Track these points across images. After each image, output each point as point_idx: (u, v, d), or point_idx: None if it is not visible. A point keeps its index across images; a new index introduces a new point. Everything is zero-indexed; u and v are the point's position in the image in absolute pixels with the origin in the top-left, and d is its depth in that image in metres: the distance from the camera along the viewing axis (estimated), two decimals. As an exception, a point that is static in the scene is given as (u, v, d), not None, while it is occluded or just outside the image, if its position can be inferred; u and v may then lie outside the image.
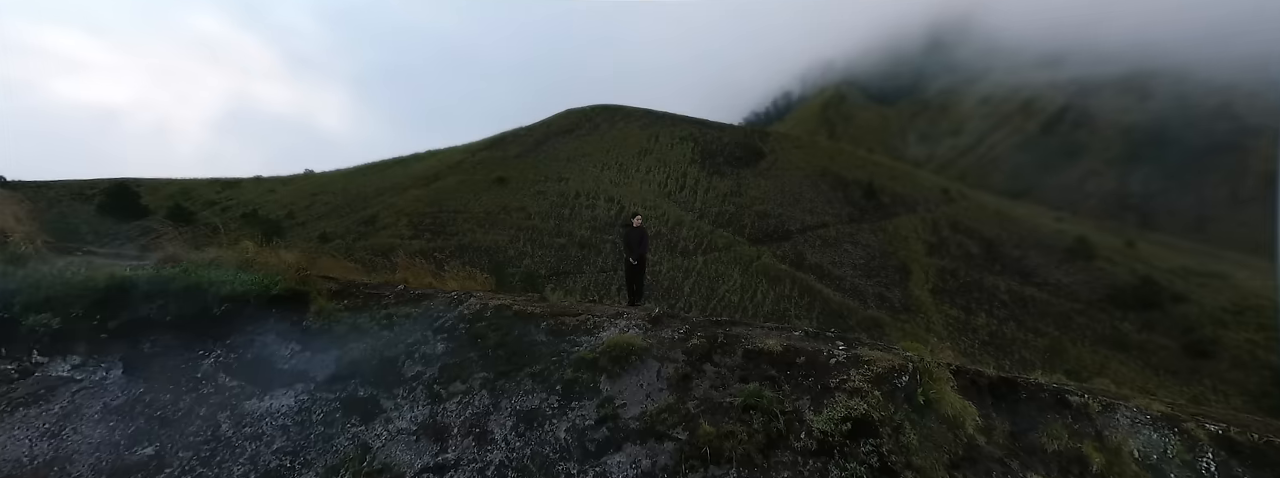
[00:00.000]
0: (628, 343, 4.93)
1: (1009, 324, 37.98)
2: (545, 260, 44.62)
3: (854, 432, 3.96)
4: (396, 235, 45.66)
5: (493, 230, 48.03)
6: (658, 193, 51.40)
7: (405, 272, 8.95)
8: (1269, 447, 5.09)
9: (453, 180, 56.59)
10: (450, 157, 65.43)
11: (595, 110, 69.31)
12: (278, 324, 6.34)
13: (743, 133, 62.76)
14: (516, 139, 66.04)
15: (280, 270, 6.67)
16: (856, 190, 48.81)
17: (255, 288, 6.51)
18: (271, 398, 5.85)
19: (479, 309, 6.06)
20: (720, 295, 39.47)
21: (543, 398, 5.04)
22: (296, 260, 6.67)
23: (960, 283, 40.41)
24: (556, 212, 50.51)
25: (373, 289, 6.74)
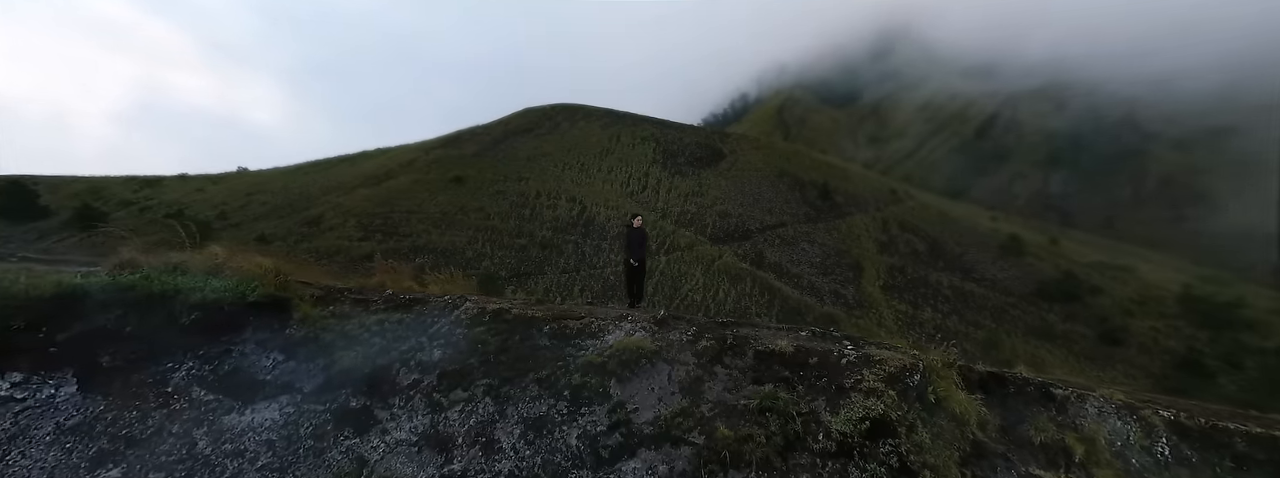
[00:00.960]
0: (637, 346, 4.95)
1: (952, 318, 40.39)
2: (505, 262, 43.91)
3: (872, 432, 4.02)
4: (344, 237, 43.83)
5: (450, 231, 46.87)
6: (620, 193, 51.47)
7: (383, 276, 8.65)
8: (1214, 430, 5.68)
9: (405, 180, 54.75)
10: (402, 155, 63.26)
11: (555, 109, 68.66)
12: (257, 333, 6.00)
13: (703, 134, 63.74)
14: (473, 138, 64.54)
15: (257, 276, 6.31)
16: (812, 191, 50.54)
17: (229, 295, 6.13)
18: (254, 412, 5.54)
19: (476, 314, 5.94)
20: (683, 294, 39.98)
21: (551, 404, 5.00)
22: (275, 265, 6.33)
23: (908, 279, 42.58)
24: (516, 212, 49.77)
25: (359, 294, 6.48)
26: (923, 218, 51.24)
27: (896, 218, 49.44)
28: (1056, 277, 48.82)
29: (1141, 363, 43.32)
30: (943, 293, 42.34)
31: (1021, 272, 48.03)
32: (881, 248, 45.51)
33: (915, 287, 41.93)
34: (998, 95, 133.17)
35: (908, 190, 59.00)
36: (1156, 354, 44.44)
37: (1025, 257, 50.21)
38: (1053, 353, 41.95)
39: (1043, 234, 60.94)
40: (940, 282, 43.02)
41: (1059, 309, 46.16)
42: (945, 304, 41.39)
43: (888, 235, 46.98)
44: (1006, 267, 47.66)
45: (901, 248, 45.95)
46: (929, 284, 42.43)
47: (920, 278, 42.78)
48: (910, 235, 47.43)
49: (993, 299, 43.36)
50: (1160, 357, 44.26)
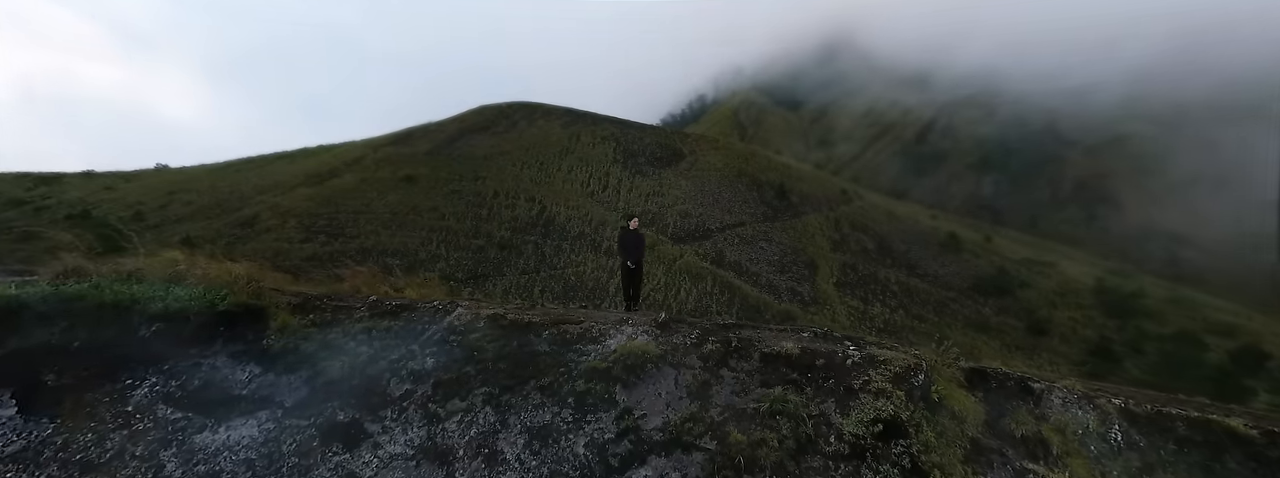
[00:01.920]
0: (642, 350, 4.94)
1: (899, 312, 42.46)
2: (462, 263, 42.77)
3: (884, 434, 4.06)
4: (284, 239, 41.50)
5: (401, 232, 45.18)
6: (581, 193, 51.09)
7: (353, 281, 8.27)
8: (1159, 416, 6.25)
9: (351, 178, 52.33)
10: (347, 152, 60.38)
11: (512, 107, 67.29)
12: (229, 345, 5.62)
13: (663, 134, 64.12)
14: (426, 135, 62.35)
15: (226, 283, 5.90)
16: (769, 191, 51.88)
17: (196, 304, 5.72)
18: (229, 429, 5.19)
19: (470, 320, 5.78)
20: (644, 294, 40.09)
21: (555, 412, 4.92)
22: (247, 271, 5.94)
23: (859, 276, 44.45)
24: (473, 212, 48.51)
25: (340, 301, 6.17)
26: (871, 217, 53.66)
27: (847, 217, 51.54)
28: (991, 272, 52.19)
29: (1063, 351, 46.88)
30: (891, 289, 44.48)
31: (960, 268, 51.09)
32: (834, 246, 47.33)
33: (866, 283, 43.85)
34: (935, 103, 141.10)
35: (857, 191, 61.62)
36: (1075, 343, 48.13)
37: (963, 253, 53.43)
38: (988, 344, 44.79)
39: (978, 232, 64.98)
40: (888, 278, 45.18)
41: (992, 303, 49.32)
42: (893, 299, 43.50)
43: (840, 234, 48.91)
44: (947, 263, 50.59)
45: (852, 246, 47.96)
46: (878, 280, 44.48)
47: (870, 275, 44.79)
48: (860, 234, 49.58)
49: (935, 294, 45.92)
50: (1078, 345, 47.96)
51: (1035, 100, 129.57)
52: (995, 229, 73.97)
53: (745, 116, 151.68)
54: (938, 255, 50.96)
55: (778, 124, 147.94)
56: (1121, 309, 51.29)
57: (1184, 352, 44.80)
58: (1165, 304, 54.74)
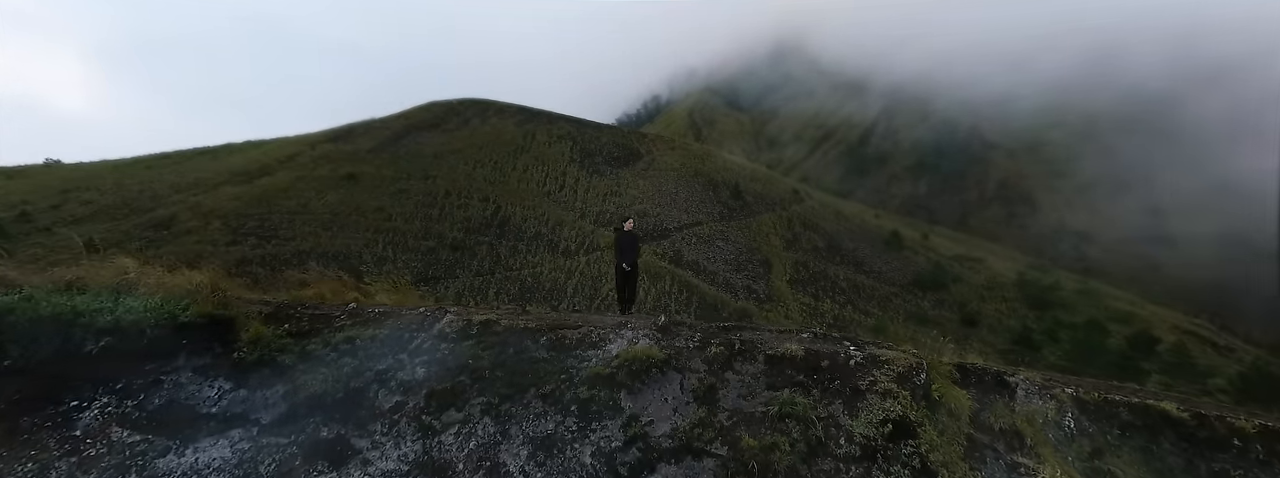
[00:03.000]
0: (647, 355, 4.90)
1: (847, 308, 44.33)
2: (411, 265, 41.19)
3: (894, 434, 4.11)
4: (207, 241, 38.65)
5: (343, 234, 43.00)
6: (537, 192, 50.30)
7: (318, 287, 7.80)
8: (1105, 403, 6.82)
9: (285, 176, 49.32)
10: (280, 149, 56.78)
11: (463, 104, 65.30)
12: (194, 359, 5.16)
13: (620, 133, 64.04)
14: (369, 132, 59.54)
15: (187, 292, 5.42)
16: (725, 191, 52.86)
17: (152, 316, 5.22)
18: (197, 451, 4.77)
19: (462, 327, 5.56)
20: (604, 294, 39.97)
21: (558, 421, 4.81)
22: (211, 279, 5.47)
23: (810, 273, 46.08)
24: (423, 212, 46.79)
25: (317, 309, 5.80)
26: (821, 216, 55.74)
27: (799, 216, 53.30)
28: (928, 268, 55.43)
29: (991, 341, 50.30)
30: (839, 285, 46.37)
31: (901, 264, 53.92)
32: (787, 245, 48.84)
33: (817, 280, 45.51)
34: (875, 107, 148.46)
35: (807, 191, 63.82)
36: (1001, 332, 51.75)
37: (904, 251, 56.42)
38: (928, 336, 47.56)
39: (916, 230, 68.79)
40: (837, 275, 47.09)
41: (930, 297, 52.38)
42: (841, 295, 45.37)
43: (792, 233, 50.52)
44: (889, 260, 53.28)
45: (804, 244, 49.66)
46: (828, 277, 46.27)
47: (820, 272, 46.52)
48: (811, 233, 51.40)
49: (880, 290, 48.27)
50: (1004, 334, 51.60)
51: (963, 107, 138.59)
52: (931, 227, 78.60)
53: (699, 117, 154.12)
54: (881, 253, 53.60)
55: (730, 125, 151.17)
56: (1040, 301, 55.73)
57: (1092, 339, 49.07)
58: (1075, 296, 59.81)
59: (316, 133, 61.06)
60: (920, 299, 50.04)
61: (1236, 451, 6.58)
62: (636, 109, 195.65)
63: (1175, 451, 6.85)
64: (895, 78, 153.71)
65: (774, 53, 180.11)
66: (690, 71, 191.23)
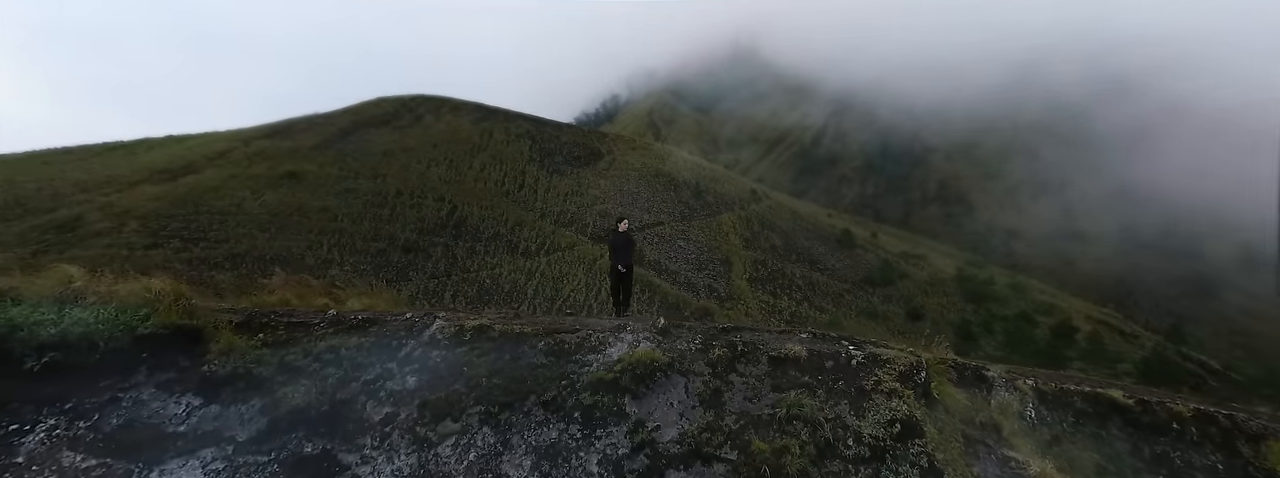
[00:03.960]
0: (651, 359, 4.84)
1: (804, 304, 45.79)
2: (359, 268, 39.49)
3: (902, 434, 4.13)
4: (120, 244, 35.72)
5: (282, 235, 40.72)
6: (495, 192, 49.25)
7: (284, 292, 7.34)
8: (1061, 392, 7.32)
9: (215, 174, 46.25)
10: (207, 145, 53.11)
11: (416, 100, 63.08)
12: (157, 373, 4.72)
13: (580, 133, 63.57)
14: (311, 128, 56.60)
15: (144, 301, 4.95)
16: (686, 191, 53.45)
17: (105, 328, 4.74)
18: (164, 474, 4.37)
19: (454, 333, 5.34)
20: (565, 295, 39.66)
21: (562, 429, 4.68)
22: (174, 287, 5.02)
23: (768, 272, 47.27)
24: (372, 213, 44.95)
25: (293, 317, 5.43)
26: (778, 216, 57.28)
27: (757, 216, 54.58)
28: (877, 266, 58.09)
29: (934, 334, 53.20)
30: (796, 283, 47.82)
31: (853, 262, 56.21)
32: (746, 244, 49.93)
33: (775, 278, 46.74)
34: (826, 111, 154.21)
35: (765, 191, 65.46)
36: (943, 326, 54.72)
37: (855, 249, 58.85)
38: (877, 330, 49.76)
39: (866, 229, 71.90)
40: (794, 273, 48.53)
41: (879, 292, 54.87)
42: (798, 293, 46.81)
43: (751, 232, 51.69)
44: (842, 258, 55.44)
45: (762, 243, 50.90)
46: (785, 276, 47.62)
47: (778, 270, 47.81)
48: (769, 232, 52.74)
49: (833, 286, 50.13)
50: (946, 328, 54.62)
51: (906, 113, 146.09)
52: (879, 226, 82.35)
53: (659, 118, 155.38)
54: (834, 251, 55.68)
55: (689, 126, 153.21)
56: (976, 295, 59.41)
57: (1022, 329, 52.71)
58: (1007, 290, 64.09)
59: (250, 128, 57.48)
60: (870, 295, 52.33)
61: (1174, 433, 7.18)
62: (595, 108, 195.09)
63: (1122, 436, 7.39)
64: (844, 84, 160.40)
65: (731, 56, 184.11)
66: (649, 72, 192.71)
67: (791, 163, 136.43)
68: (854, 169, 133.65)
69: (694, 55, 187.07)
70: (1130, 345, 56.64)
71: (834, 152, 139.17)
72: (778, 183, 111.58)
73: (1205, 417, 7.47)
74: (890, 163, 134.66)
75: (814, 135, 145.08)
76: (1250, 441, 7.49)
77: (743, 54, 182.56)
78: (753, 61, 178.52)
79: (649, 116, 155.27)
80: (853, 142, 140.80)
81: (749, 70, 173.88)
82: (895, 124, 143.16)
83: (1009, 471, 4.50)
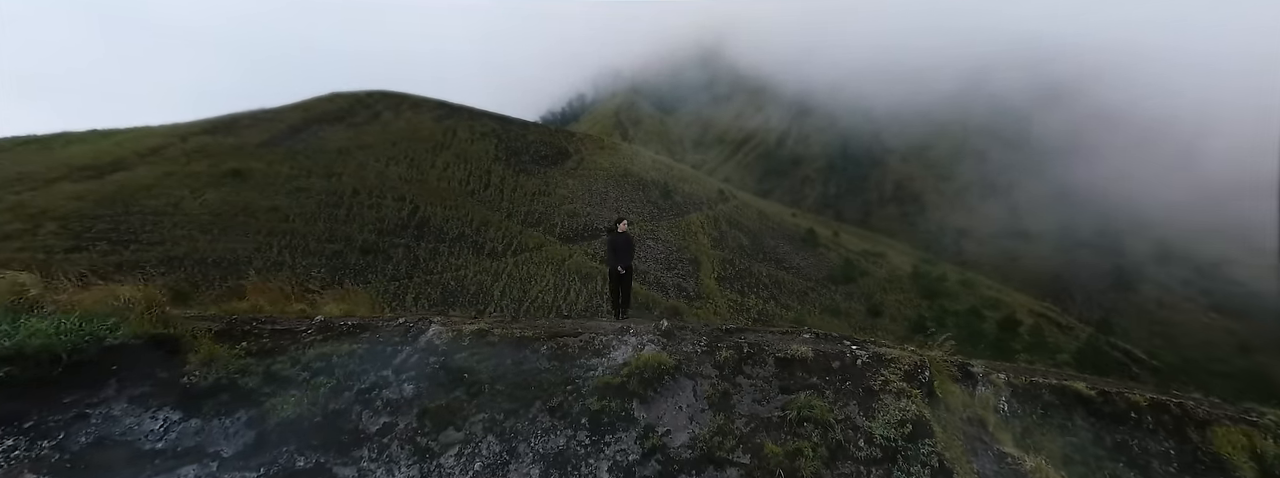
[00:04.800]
0: (659, 362, 4.79)
1: (770, 303, 46.68)
2: (313, 270, 37.83)
3: (913, 434, 4.13)
4: (36, 248, 33.12)
5: (226, 237, 38.57)
6: (459, 192, 48.08)
7: (257, 297, 6.95)
8: (1031, 385, 7.72)
9: (148, 172, 43.46)
10: (138, 140, 49.69)
11: (372, 96, 60.90)
12: (129, 387, 4.38)
13: (547, 132, 62.76)
14: (257, 124, 53.88)
15: (112, 309, 4.58)
16: (655, 191, 53.57)
17: (68, 339, 4.36)
18: (141, 497, 4.06)
19: (452, 338, 5.16)
20: (533, 297, 39.17)
21: (569, 435, 4.57)
22: (146, 294, 4.66)
23: (736, 270, 47.96)
24: (327, 213, 43.17)
25: (276, 324, 5.13)
26: (745, 216, 58.16)
27: (725, 216, 55.28)
28: (839, 263, 59.85)
29: (893, 329, 55.08)
30: (762, 281, 48.70)
31: (816, 260, 57.71)
32: (714, 243, 50.49)
33: (742, 277, 47.47)
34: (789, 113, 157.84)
35: (732, 191, 66.37)
36: (901, 321, 56.82)
37: (819, 248, 60.44)
38: (839, 327, 51.24)
39: (828, 228, 73.95)
40: (761, 272, 49.40)
41: (841, 290, 56.55)
42: (764, 291, 47.68)
43: (718, 232, 52.30)
44: (806, 256, 56.82)
45: (730, 243, 51.59)
46: (752, 274, 48.43)
47: (746, 269, 48.58)
48: (736, 231, 53.50)
49: (798, 284, 51.31)
50: (903, 323, 56.71)
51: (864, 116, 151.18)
52: (840, 225, 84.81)
53: (626, 118, 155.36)
54: (799, 250, 57.01)
55: (656, 127, 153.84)
56: (931, 291, 62.02)
57: (973, 324, 55.31)
58: (958, 286, 67.16)
59: (188, 123, 54.19)
60: (833, 293, 53.85)
61: (1132, 422, 7.66)
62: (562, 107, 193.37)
63: (1086, 426, 7.82)
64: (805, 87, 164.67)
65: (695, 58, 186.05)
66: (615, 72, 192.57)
67: (757, 164, 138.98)
68: (816, 170, 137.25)
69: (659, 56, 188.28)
70: (1067, 337, 60.22)
71: (797, 153, 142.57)
72: (744, 183, 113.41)
73: (1159, 405, 8.00)
74: (850, 164, 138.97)
75: (778, 137, 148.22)
76: (1198, 427, 8.03)
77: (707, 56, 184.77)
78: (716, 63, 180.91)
79: (616, 116, 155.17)
80: (815, 143, 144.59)
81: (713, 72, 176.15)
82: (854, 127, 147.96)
83: (1005, 467, 4.58)
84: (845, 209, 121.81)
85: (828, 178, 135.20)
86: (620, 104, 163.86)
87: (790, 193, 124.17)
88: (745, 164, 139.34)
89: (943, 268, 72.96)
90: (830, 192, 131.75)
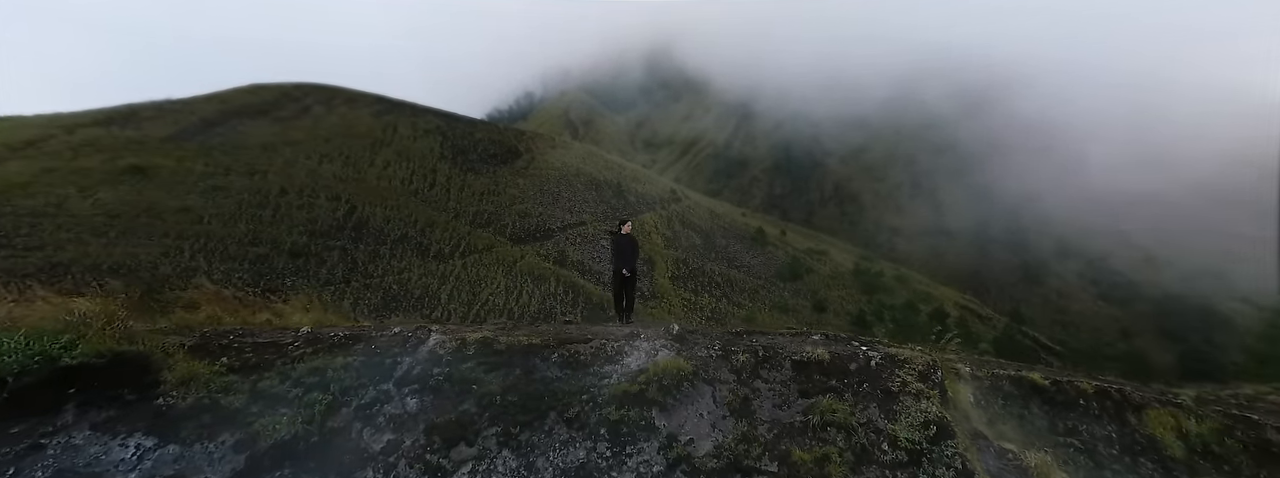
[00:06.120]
0: (677, 368, 4.69)
1: (723, 301, 47.58)
2: (234, 276, 34.91)
3: (936, 436, 4.10)
4: None
5: (125, 240, 34.79)
6: (402, 191, 45.82)
7: (213, 307, 6.34)
8: (992, 377, 8.28)
9: (23, 167, 38.80)
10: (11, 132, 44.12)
11: (302, 89, 56.99)
12: (92, 412, 3.84)
13: (496, 130, 60.96)
14: (162, 115, 49.22)
15: (65, 326, 4.00)
16: (608, 190, 53.25)
17: (14, 361, 3.76)
18: (111, 539, 3.57)
19: (456, 348, 4.87)
20: (483, 300, 37.99)
21: (589, 447, 4.38)
22: (105, 308, 4.09)
23: (689, 270, 48.54)
24: (249, 214, 39.97)
25: (257, 337, 4.66)
26: (697, 215, 58.97)
27: (677, 215, 55.80)
28: (787, 262, 61.90)
29: (837, 324, 57.51)
30: (715, 280, 49.56)
31: (766, 259, 59.38)
32: (667, 243, 50.86)
33: (696, 276, 48.10)
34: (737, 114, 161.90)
35: (683, 191, 67.12)
36: (843, 316, 59.36)
37: (768, 246, 62.22)
38: (789, 323, 52.93)
39: (776, 227, 76.28)
40: (713, 271, 50.25)
41: (789, 287, 58.46)
42: (717, 290, 48.55)
43: (672, 231, 52.73)
44: (757, 255, 58.33)
45: (683, 242, 52.14)
46: (706, 273, 49.17)
47: (699, 268, 49.26)
48: (689, 231, 54.15)
49: (749, 283, 52.60)
50: (846, 318, 59.26)
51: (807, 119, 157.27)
52: (787, 224, 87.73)
53: (576, 116, 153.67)
54: (749, 248, 58.46)
55: (606, 126, 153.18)
56: (870, 287, 65.29)
57: (907, 317, 58.67)
58: (893, 281, 70.97)
59: (73, 114, 48.67)
60: (782, 290, 55.56)
61: (1081, 409, 8.39)
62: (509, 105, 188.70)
63: (1041, 414, 8.42)
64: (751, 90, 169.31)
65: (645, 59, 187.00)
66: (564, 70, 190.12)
67: (706, 164, 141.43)
68: (763, 171, 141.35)
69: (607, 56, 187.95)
70: (986, 327, 65.00)
71: (744, 154, 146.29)
72: (694, 183, 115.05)
73: (1103, 392, 8.74)
74: (794, 166, 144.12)
75: (726, 138, 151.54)
76: (1135, 410, 8.82)
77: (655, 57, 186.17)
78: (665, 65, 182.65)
79: (566, 115, 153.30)
80: (761, 146, 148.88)
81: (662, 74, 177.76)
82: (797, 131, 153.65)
83: (1007, 463, 4.68)
84: (790, 209, 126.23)
85: (774, 179, 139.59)
86: (570, 103, 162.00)
87: (739, 193, 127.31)
88: (694, 165, 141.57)
89: (880, 265, 76.93)
90: (776, 192, 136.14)
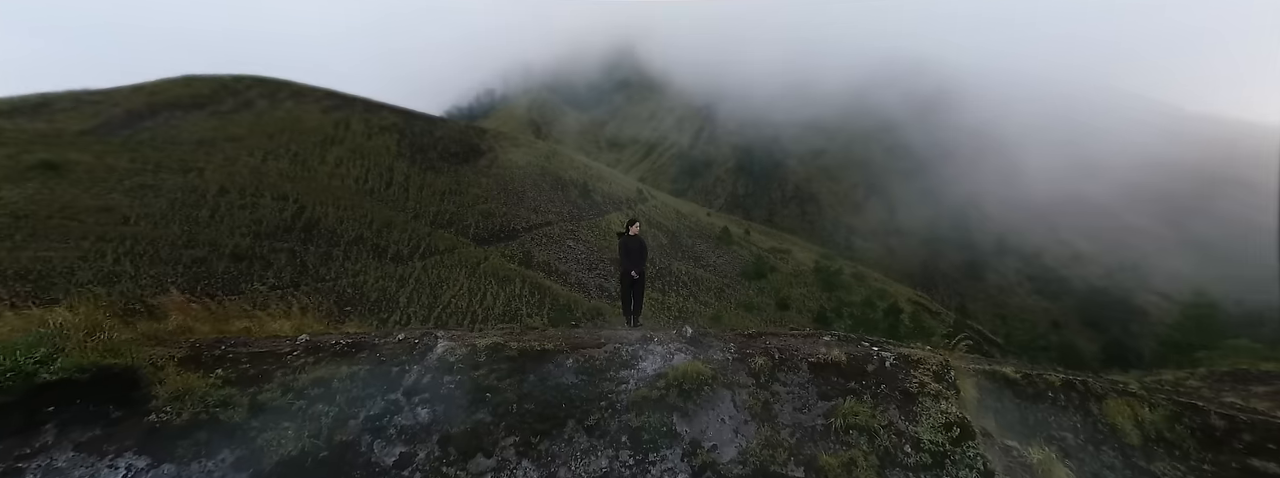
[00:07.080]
0: (696, 372, 4.63)
1: (690, 300, 47.98)
2: (167, 280, 32.70)
3: (959, 438, 4.06)
4: None
5: (34, 242, 32.14)
6: (356, 190, 43.98)
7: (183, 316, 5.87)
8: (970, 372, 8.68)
9: None
10: None
11: (243, 82, 53.82)
12: (74, 431, 3.47)
13: (457, 128, 59.36)
14: (79, 107, 45.66)
15: (40, 338, 3.60)
16: (574, 190, 52.75)
17: (-21, 379, 3.35)
18: (101, 572, 3.24)
19: (466, 354, 4.66)
20: (445, 302, 36.96)
21: (611, 456, 4.24)
22: (87, 319, 3.71)
23: (657, 269, 48.68)
24: (186, 214, 37.55)
25: (255, 347, 4.34)
26: (663, 215, 59.22)
27: (643, 215, 55.85)
28: (752, 261, 63.09)
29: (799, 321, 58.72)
30: (682, 279, 49.91)
31: (731, 257, 60.30)
32: (634, 242, 50.78)
33: (663, 275, 48.30)
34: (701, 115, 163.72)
35: (650, 191, 67.25)
36: (805, 313, 60.84)
37: (733, 245, 63.20)
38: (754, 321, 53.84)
39: (740, 226, 77.60)
40: (680, 270, 50.59)
41: (754, 286, 59.56)
42: (684, 289, 48.92)
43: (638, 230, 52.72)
44: (722, 254, 59.14)
45: (650, 241, 52.21)
46: (673, 273, 49.44)
47: (666, 267, 49.48)
48: (656, 230, 54.28)
49: (715, 281, 53.25)
50: (807, 315, 60.75)
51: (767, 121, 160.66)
52: (750, 224, 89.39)
53: (539, 115, 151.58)
54: (715, 248, 59.20)
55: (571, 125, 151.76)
56: (830, 284, 67.29)
57: (866, 313, 60.67)
58: (851, 279, 73.42)
59: None
60: (747, 288, 56.55)
61: (1049, 401, 8.92)
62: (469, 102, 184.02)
63: (1013, 407, 8.89)
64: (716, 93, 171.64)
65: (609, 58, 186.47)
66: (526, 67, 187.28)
67: (670, 164, 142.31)
68: (726, 171, 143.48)
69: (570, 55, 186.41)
70: (936, 321, 68.07)
71: (708, 155, 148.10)
72: (659, 183, 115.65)
73: (1068, 384, 9.31)
74: (756, 166, 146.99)
75: (690, 139, 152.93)
76: (1097, 400, 9.41)
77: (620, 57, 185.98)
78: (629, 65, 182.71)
79: (529, 114, 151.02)
80: (724, 146, 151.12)
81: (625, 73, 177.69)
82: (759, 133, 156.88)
83: (1013, 459, 4.73)
84: (752, 208, 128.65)
85: (736, 179, 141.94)
86: (532, 101, 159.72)
87: (703, 193, 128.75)
88: (659, 165, 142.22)
89: (839, 262, 79.39)
90: (739, 192, 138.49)
